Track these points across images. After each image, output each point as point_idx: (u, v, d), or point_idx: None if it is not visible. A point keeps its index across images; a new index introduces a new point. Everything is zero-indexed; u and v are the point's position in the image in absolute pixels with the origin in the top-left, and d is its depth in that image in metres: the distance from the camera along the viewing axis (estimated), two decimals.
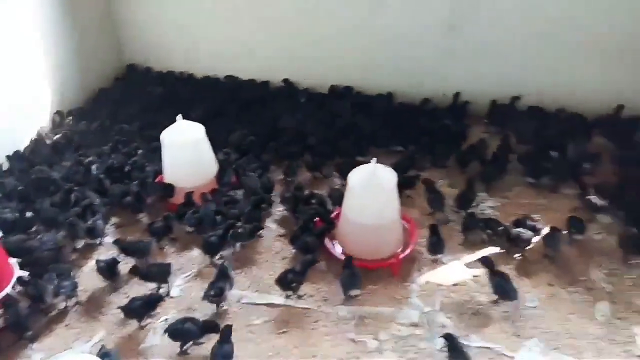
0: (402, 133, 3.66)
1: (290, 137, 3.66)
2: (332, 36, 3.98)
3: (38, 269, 2.58)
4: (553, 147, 3.39)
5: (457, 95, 3.85)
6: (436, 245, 2.73)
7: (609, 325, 2.38)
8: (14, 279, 2.53)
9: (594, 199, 2.97)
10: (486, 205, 3.12)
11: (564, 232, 2.78)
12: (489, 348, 2.30)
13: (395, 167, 3.29)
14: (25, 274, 2.58)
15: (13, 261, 2.62)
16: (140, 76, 4.58)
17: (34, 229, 2.93)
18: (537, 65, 3.65)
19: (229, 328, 2.24)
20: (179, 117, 3.02)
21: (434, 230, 2.75)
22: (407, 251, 2.74)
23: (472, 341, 2.33)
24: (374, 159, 2.65)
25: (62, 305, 2.54)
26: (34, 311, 2.43)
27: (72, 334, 2.43)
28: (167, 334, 2.28)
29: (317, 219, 2.87)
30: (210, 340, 2.28)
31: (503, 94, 3.78)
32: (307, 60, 4.15)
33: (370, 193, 2.62)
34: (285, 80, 4.25)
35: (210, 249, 2.72)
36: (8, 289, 2.48)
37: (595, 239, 2.85)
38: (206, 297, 2.47)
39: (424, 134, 3.63)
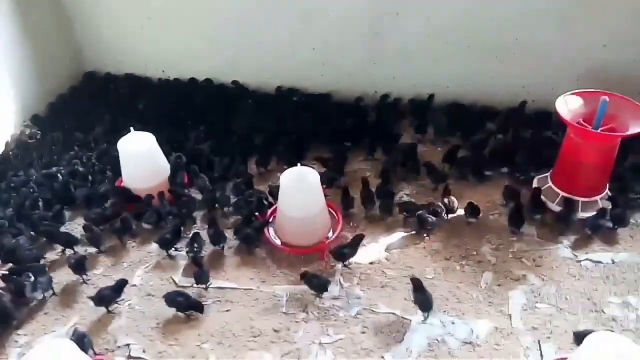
0: (339, 129, 4.13)
1: (239, 137, 4.11)
2: (272, 43, 4.39)
3: (18, 267, 3.03)
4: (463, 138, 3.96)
5: (384, 96, 4.36)
6: (345, 202, 3.46)
7: (489, 291, 2.95)
8: None
9: None
10: (404, 193, 3.66)
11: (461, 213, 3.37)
12: (393, 313, 2.87)
13: (330, 162, 3.85)
14: (4, 272, 3.03)
15: None
16: (99, 81, 4.88)
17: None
18: (451, 66, 4.16)
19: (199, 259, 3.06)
20: (132, 129, 3.45)
21: (344, 191, 3.48)
22: (333, 236, 3.29)
23: (379, 309, 2.90)
24: (299, 164, 3.16)
25: (40, 296, 2.99)
26: (17, 303, 2.88)
27: (50, 320, 2.89)
28: (164, 299, 2.84)
29: (257, 213, 3.38)
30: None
31: (425, 91, 4.30)
32: (253, 64, 4.56)
33: (298, 191, 3.13)
34: (235, 82, 4.65)
35: (165, 244, 3.20)
36: None
37: (490, 218, 3.43)
38: (190, 252, 3.15)
39: (356, 129, 4.13)
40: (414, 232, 3.34)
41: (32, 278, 2.92)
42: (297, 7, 4.15)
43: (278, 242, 3.30)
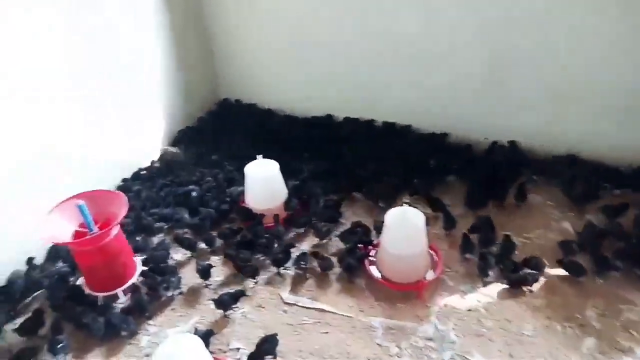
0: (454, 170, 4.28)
1: (347, 170, 4.39)
2: (387, 83, 4.68)
3: (154, 265, 3.55)
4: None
5: (494, 142, 4.44)
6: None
7: (591, 358, 2.88)
8: (137, 272, 3.52)
9: None
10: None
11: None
12: None
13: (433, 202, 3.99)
14: (144, 268, 3.56)
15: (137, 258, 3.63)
16: (232, 109, 5.49)
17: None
18: (572, 122, 4.14)
19: None
20: (259, 156, 3.90)
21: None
22: (432, 277, 3.40)
23: (473, 357, 2.95)
24: (405, 204, 3.35)
25: (169, 294, 3.46)
26: (151, 297, 3.38)
27: (176, 316, 3.34)
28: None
29: (360, 245, 3.62)
30: None
31: (541, 143, 4.31)
32: (368, 103, 4.88)
33: (401, 230, 3.31)
34: (349, 119, 5.00)
35: (277, 263, 3.55)
36: (134, 279, 3.47)
37: (598, 282, 3.32)
38: (297, 268, 3.55)
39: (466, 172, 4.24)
40: (511, 286, 3.34)
41: (165, 277, 3.42)
42: (414, 51, 4.39)
43: (378, 275, 3.49)
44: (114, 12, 4.14)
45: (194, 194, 4.20)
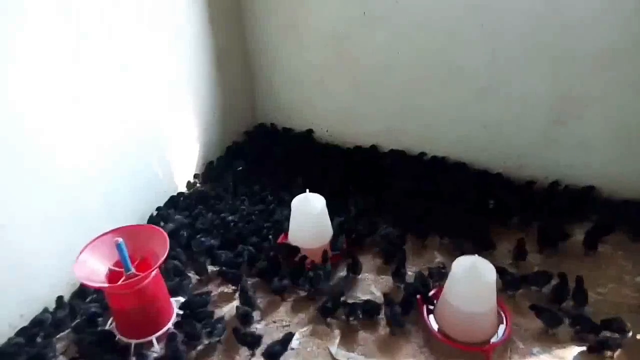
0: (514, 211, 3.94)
1: (394, 209, 4.05)
2: (440, 116, 4.40)
3: (192, 310, 3.24)
4: None
5: (554, 183, 4.13)
6: None
7: None
8: (174, 316, 3.21)
9: None
10: None
11: None
12: None
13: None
14: (180, 312, 3.26)
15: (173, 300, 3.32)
16: (268, 134, 5.23)
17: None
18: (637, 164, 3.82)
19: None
20: (307, 190, 3.60)
21: None
22: (500, 339, 3.04)
23: None
24: (476, 254, 3.02)
25: (207, 342, 3.14)
26: (189, 346, 3.07)
27: None
28: None
29: (418, 296, 3.28)
30: None
31: (602, 184, 3.99)
32: (416, 134, 4.59)
33: (470, 283, 2.97)
34: (395, 151, 4.70)
35: (325, 312, 3.23)
36: (169, 325, 3.15)
37: None
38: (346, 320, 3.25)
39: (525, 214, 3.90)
40: (588, 348, 2.99)
41: (205, 323, 3.12)
42: (476, 83, 4.10)
43: (436, 327, 3.15)
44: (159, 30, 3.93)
45: (232, 225, 3.91)
